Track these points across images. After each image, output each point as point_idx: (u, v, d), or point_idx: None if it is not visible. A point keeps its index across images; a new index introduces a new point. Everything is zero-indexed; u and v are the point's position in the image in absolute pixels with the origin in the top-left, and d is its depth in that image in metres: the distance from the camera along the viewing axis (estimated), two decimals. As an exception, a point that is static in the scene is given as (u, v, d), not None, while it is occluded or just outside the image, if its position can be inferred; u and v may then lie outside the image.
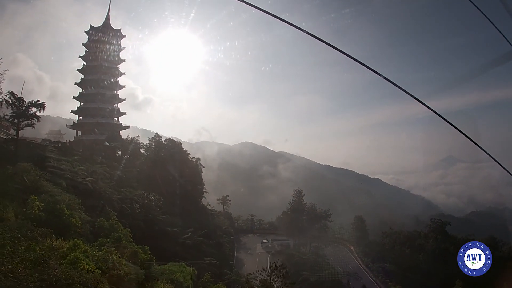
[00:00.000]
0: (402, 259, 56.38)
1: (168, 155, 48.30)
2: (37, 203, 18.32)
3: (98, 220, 22.38)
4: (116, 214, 24.70)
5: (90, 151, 45.17)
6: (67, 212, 19.29)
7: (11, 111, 29.02)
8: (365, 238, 64.42)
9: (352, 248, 62.63)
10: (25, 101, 28.51)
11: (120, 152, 53.09)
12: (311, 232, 53.16)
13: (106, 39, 53.74)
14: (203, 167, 53.79)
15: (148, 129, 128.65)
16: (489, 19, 5.68)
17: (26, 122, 29.11)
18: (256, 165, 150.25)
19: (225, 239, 42.24)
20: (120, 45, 55.35)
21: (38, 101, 28.59)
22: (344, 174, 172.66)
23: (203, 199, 53.92)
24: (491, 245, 53.47)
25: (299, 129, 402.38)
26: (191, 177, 49.94)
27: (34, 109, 29.21)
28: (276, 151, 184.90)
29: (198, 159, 53.82)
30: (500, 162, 5.27)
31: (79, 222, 19.62)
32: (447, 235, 61.19)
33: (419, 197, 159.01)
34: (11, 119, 29.09)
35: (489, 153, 5.09)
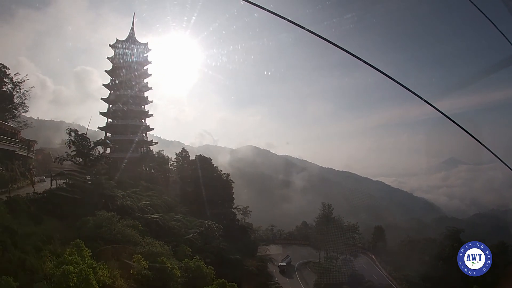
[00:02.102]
0: (422, 267, 59.25)
1: (201, 173, 49.37)
2: (143, 262, 18.16)
3: (183, 261, 22.60)
4: (190, 249, 25.25)
5: (125, 171, 45.68)
6: (168, 265, 19.41)
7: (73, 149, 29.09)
8: (384, 247, 67.46)
9: (373, 257, 65.47)
10: (89, 139, 28.68)
11: (144, 167, 53.66)
12: (340, 244, 55.42)
13: (133, 54, 54.03)
14: (233, 182, 54.99)
15: (151, 133, 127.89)
16: (492, 22, 5.72)
17: (92, 163, 29.25)
18: (261, 170, 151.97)
19: (265, 256, 43.82)
20: (147, 59, 55.76)
21: (105, 139, 28.89)
22: (347, 176, 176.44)
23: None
24: (502, 250, 57.33)
25: (301, 131, 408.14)
26: (224, 194, 51.32)
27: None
28: (279, 154, 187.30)
29: (228, 174, 55.05)
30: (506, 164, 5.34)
31: (179, 272, 19.72)
32: (461, 242, 64.60)
33: (421, 199, 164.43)
34: (74, 159, 29.12)
35: (495, 154, 5.13)
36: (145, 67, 55.62)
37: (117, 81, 53.41)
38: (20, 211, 21.28)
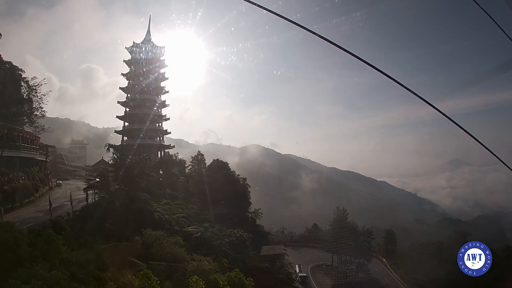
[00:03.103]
0: (431, 271, 60.87)
1: (219, 177, 50.25)
2: (201, 283, 18.02)
3: (225, 275, 22.91)
4: (228, 261, 25.82)
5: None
6: (220, 282, 19.66)
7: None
8: (395, 250, 69.14)
9: (384, 260, 67.11)
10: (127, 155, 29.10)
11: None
12: (354, 248, 56.90)
13: (150, 57, 54.37)
14: (250, 186, 55.97)
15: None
16: (496, 23, 5.66)
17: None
18: (266, 169, 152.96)
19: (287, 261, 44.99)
20: (164, 62, 56.17)
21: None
22: (351, 177, 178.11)
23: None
24: (508, 254, 58.85)
25: (305, 131, 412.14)
26: (242, 198, 52.34)
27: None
28: (283, 153, 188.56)
29: (245, 179, 56.00)
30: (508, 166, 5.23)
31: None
32: (469, 245, 66.47)
33: (425, 200, 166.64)
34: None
35: (497, 156, 5.05)
36: (161, 70, 56.04)
37: (134, 85, 53.83)
38: (65, 235, 20.16)
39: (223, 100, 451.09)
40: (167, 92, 56.55)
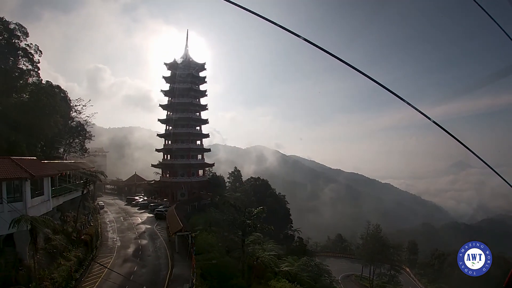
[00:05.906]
0: (453, 280, 65.95)
1: (260, 195, 53.06)
2: None
3: None
4: None
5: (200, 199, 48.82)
6: None
7: None
8: (417, 260, 74.39)
9: (408, 270, 72.16)
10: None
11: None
12: (386, 261, 61.23)
13: (190, 76, 55.82)
14: (288, 203, 59.06)
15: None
16: (500, 26, 5.78)
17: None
18: (271, 172, 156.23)
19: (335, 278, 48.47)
20: (204, 79, 57.80)
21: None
22: (356, 179, 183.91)
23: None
24: None
25: (308, 132, 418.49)
26: (283, 214, 55.49)
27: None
28: (288, 154, 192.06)
29: (284, 196, 59.05)
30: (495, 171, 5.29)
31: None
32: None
33: (429, 202, 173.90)
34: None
35: (486, 163, 5.08)
36: (202, 88, 57.61)
37: (173, 102, 55.31)
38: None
39: (226, 100, 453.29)
40: (207, 109, 58.21)
